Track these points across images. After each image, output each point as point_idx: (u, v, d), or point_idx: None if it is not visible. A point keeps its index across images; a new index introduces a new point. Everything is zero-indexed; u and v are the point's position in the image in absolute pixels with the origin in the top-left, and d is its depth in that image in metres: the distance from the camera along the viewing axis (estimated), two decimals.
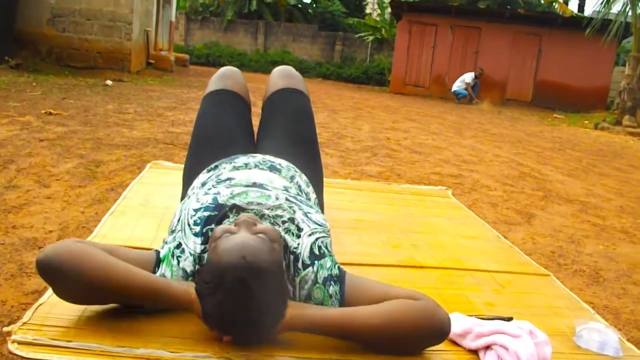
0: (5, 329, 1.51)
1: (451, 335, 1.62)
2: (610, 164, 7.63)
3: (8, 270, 1.93)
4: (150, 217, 2.58)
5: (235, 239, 1.44)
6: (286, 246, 1.63)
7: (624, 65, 17.72)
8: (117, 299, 1.50)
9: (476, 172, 5.09)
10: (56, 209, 2.67)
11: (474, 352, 1.64)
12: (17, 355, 1.41)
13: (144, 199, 2.86)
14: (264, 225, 1.55)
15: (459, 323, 1.71)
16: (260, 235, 1.48)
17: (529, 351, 1.57)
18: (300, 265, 1.61)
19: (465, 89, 17.72)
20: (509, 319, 1.78)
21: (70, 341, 1.45)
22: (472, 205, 3.67)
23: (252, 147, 2.48)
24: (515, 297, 2.14)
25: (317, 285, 1.58)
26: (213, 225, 1.64)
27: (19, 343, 1.43)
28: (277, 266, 1.45)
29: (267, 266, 1.40)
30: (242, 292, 1.36)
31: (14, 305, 1.66)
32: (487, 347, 1.62)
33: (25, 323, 1.51)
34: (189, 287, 1.48)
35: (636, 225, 4.43)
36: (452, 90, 18.06)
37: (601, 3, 15.21)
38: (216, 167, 2.07)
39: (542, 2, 24.35)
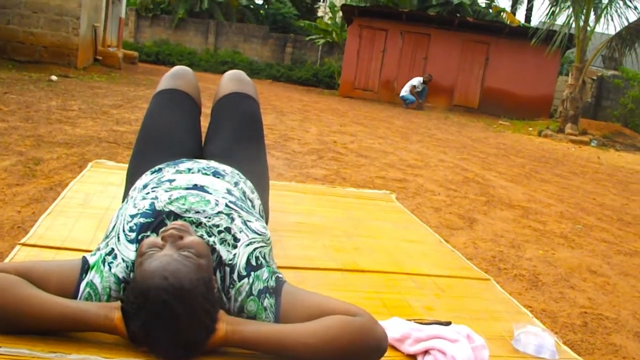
0: None
1: (390, 340, 1.62)
2: (552, 170, 7.79)
3: None
4: (89, 217, 2.52)
5: (159, 258, 1.41)
6: (220, 259, 1.61)
7: (567, 75, 18.13)
8: (38, 332, 1.46)
9: (421, 177, 5.14)
10: None
11: (412, 356, 1.65)
12: None
13: (84, 199, 2.79)
14: (191, 238, 1.51)
15: (397, 328, 1.71)
16: (185, 252, 1.45)
17: (466, 355, 1.58)
18: (235, 276, 1.58)
19: (411, 92, 17.87)
20: (448, 324, 1.80)
21: (0, 346, 1.41)
22: (416, 209, 3.70)
23: (199, 149, 2.45)
24: (455, 301, 2.16)
25: (252, 297, 1.56)
26: (149, 232, 1.61)
27: None
28: (203, 283, 1.42)
29: (191, 286, 1.37)
30: (165, 313, 1.34)
31: None
32: (425, 352, 1.63)
33: None
34: (110, 312, 1.43)
35: (575, 230, 4.52)
36: (400, 95, 18.21)
37: (547, 14, 15.53)
38: (160, 170, 2.03)
39: (491, 11, 24.81)
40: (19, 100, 6.59)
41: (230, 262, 1.60)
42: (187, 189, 1.79)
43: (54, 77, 9.88)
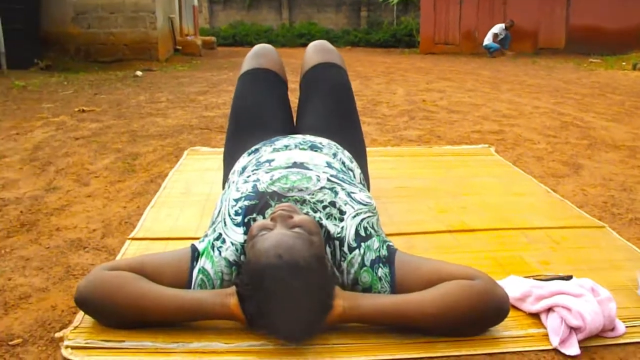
0: (57, 334, 1.49)
1: (510, 299, 1.56)
2: None
3: (55, 273, 1.91)
4: (192, 205, 2.56)
5: (271, 237, 1.40)
6: (328, 234, 1.57)
7: None
8: (156, 324, 1.48)
9: (517, 126, 4.96)
10: (98, 206, 2.65)
11: (535, 315, 1.58)
12: None
13: (185, 188, 2.84)
14: (301, 217, 1.50)
15: (516, 286, 1.65)
16: (296, 229, 1.44)
17: (592, 309, 1.50)
18: (346, 249, 1.56)
19: (494, 41, 17.40)
20: (569, 278, 1.72)
21: (123, 341, 1.44)
22: (517, 160, 3.56)
23: (291, 124, 2.43)
24: (571, 253, 2.09)
25: (365, 268, 1.53)
26: (254, 215, 1.60)
27: (72, 348, 1.42)
28: (317, 259, 1.39)
29: (305, 262, 1.35)
30: (282, 291, 1.32)
31: (64, 310, 1.64)
32: (549, 310, 1.56)
33: (76, 327, 1.50)
34: (225, 298, 1.43)
35: None
36: (484, 44, 17.73)
37: None
38: (257, 150, 2.03)
39: None
40: (109, 99, 6.75)
41: (338, 236, 1.57)
42: (287, 167, 1.77)
43: (138, 73, 10.07)
